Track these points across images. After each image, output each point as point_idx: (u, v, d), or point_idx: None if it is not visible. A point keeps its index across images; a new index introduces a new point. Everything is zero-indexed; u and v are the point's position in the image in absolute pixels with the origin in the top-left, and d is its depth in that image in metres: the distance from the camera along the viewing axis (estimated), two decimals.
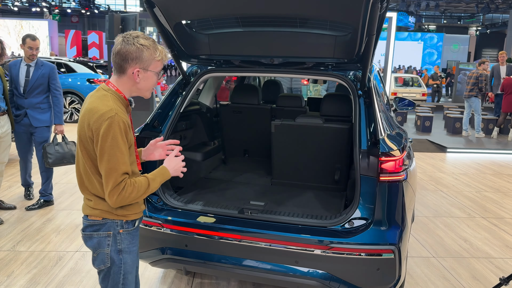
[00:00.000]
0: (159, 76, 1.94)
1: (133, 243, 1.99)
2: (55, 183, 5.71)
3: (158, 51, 1.87)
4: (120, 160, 1.77)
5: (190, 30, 2.85)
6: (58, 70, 10.39)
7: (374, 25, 2.23)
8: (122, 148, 1.78)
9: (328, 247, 2.34)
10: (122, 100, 1.90)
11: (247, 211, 2.60)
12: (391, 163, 2.38)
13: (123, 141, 1.79)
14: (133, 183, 1.81)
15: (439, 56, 32.42)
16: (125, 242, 1.95)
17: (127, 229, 1.95)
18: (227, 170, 3.65)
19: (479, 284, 3.51)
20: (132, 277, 2.02)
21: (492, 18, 39.75)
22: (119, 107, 1.84)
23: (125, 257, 1.95)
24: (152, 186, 1.88)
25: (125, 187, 1.78)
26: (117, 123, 1.77)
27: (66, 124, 10.24)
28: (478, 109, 10.06)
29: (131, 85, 1.90)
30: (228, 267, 2.51)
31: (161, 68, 1.93)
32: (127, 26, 10.05)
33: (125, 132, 1.80)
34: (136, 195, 1.82)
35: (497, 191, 6.20)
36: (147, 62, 1.86)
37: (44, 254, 3.72)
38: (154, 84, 1.94)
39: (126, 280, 1.98)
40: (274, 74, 3.03)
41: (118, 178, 1.77)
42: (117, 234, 1.93)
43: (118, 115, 1.78)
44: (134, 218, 1.98)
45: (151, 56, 1.86)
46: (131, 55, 1.83)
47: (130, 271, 1.99)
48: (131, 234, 1.97)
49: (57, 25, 28.18)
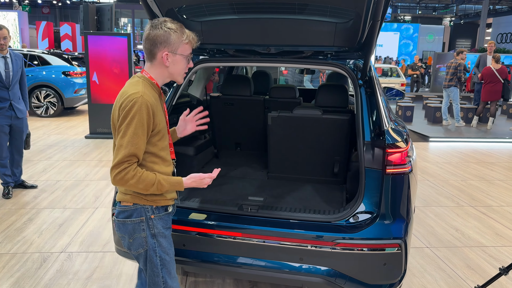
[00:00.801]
0: (189, 59, 1.97)
1: (166, 227, 2.02)
2: (34, 180, 5.48)
3: (185, 34, 1.91)
4: (132, 140, 1.77)
5: (182, 17, 2.70)
6: (31, 62, 10.18)
7: (380, 9, 2.13)
8: (138, 131, 1.78)
9: (333, 243, 2.26)
10: (154, 86, 1.93)
11: (246, 208, 2.49)
12: (397, 155, 2.31)
13: (141, 123, 1.78)
14: (137, 170, 1.81)
15: (415, 47, 32.82)
16: (158, 226, 1.98)
17: (158, 214, 1.98)
18: (220, 165, 3.51)
19: (474, 273, 3.50)
20: (170, 258, 2.04)
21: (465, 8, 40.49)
22: (148, 92, 1.86)
23: (160, 241, 1.99)
24: (157, 188, 1.87)
25: (127, 169, 1.78)
26: (140, 105, 1.78)
27: (42, 119, 10.03)
28: (456, 98, 10.17)
29: (162, 70, 1.93)
30: (229, 267, 2.40)
31: (190, 51, 1.96)
32: (103, 16, 9.74)
33: (147, 116, 1.80)
34: (135, 184, 1.81)
35: (482, 179, 6.26)
36: (175, 45, 1.89)
37: (27, 256, 3.53)
38: (184, 68, 1.97)
39: (163, 261, 2.01)
40: (271, 63, 2.90)
41: (124, 158, 1.77)
42: (149, 219, 1.96)
43: (143, 97, 1.80)
44: (164, 204, 1.99)
45: (179, 39, 1.89)
46: (159, 38, 1.86)
47: (167, 253, 2.02)
48: (162, 219, 2.00)
49: (27, 16, 27.21)
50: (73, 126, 9.38)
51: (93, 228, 4.12)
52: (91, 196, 5.01)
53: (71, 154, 6.96)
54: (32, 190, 5.12)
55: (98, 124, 8.20)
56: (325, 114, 3.00)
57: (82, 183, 5.47)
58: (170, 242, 2.06)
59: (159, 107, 1.90)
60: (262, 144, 3.92)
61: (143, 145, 1.82)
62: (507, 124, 11.15)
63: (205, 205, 2.54)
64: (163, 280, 2.03)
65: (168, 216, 2.05)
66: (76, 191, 5.16)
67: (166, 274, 2.03)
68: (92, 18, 9.47)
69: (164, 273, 2.02)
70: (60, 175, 5.79)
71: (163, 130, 1.93)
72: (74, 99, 10.46)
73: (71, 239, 3.87)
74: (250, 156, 3.82)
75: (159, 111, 1.89)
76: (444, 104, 10.55)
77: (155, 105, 1.85)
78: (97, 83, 8.12)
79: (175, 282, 2.08)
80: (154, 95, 1.90)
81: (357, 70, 2.76)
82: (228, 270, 2.42)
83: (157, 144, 1.92)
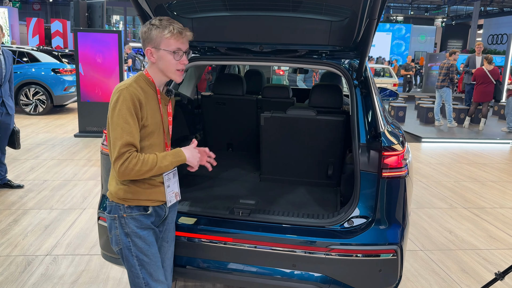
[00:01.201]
0: (180, 55, 1.91)
1: (142, 228, 1.96)
2: (21, 180, 5.35)
3: (167, 29, 1.86)
4: (125, 130, 1.78)
5: (172, 13, 2.61)
6: (20, 59, 10.00)
7: (377, 8, 2.06)
8: (128, 119, 1.79)
9: (328, 249, 2.18)
10: (149, 82, 1.94)
11: (237, 211, 2.41)
12: (393, 158, 2.24)
13: (129, 112, 1.79)
14: (138, 156, 1.81)
15: (407, 47, 32.95)
16: (130, 226, 1.95)
17: (130, 213, 1.94)
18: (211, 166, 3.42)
19: (468, 277, 3.46)
20: (150, 260, 1.99)
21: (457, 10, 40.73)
22: (138, 86, 1.88)
23: (134, 241, 1.95)
24: (161, 164, 1.86)
25: (129, 159, 1.78)
26: (125, 95, 1.81)
27: (31, 117, 9.86)
28: (449, 99, 10.18)
29: (154, 67, 1.94)
30: (220, 273, 2.32)
31: (177, 46, 1.89)
32: (94, 13, 9.60)
33: (133, 105, 1.81)
34: (141, 169, 1.80)
35: (474, 180, 6.24)
36: (157, 41, 1.88)
37: (10, 259, 3.42)
38: (174, 64, 1.91)
39: (142, 262, 1.97)
40: (264, 62, 2.82)
41: (122, 148, 1.77)
42: (121, 217, 1.95)
43: (128, 89, 1.82)
44: (137, 204, 1.95)
45: (160, 34, 1.86)
46: (143, 35, 1.91)
47: (146, 254, 1.97)
48: (136, 219, 1.95)
49: (17, 12, 26.85)
50: (62, 125, 9.23)
51: (80, 230, 4.01)
52: (79, 196, 4.90)
53: (59, 153, 6.82)
54: (19, 190, 5.00)
55: (88, 122, 8.06)
56: (320, 115, 2.92)
57: (70, 183, 5.35)
58: (150, 243, 1.99)
59: (150, 102, 1.90)
60: (254, 145, 3.83)
61: (137, 134, 1.82)
62: (498, 125, 11.18)
63: (195, 209, 2.45)
64: (145, 281, 1.99)
65: (146, 217, 1.98)
66: (63, 191, 5.05)
67: (148, 276, 1.98)
68: (83, 15, 9.33)
69: (145, 274, 1.98)
70: (47, 174, 5.66)
71: (152, 127, 1.91)
72: (63, 97, 10.30)
73: (57, 241, 3.76)
74: (242, 157, 3.73)
75: (149, 105, 1.89)
76: (436, 105, 10.56)
77: (144, 98, 1.86)
78: (87, 80, 7.98)
79: (160, 286, 2.02)
80: (147, 90, 1.91)
81: (352, 70, 2.69)
82: (218, 277, 2.34)
83: (143, 139, 1.90)
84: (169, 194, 2.04)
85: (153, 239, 2.01)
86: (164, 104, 2.02)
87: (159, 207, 2.04)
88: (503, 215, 4.89)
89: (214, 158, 2.15)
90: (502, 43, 30.59)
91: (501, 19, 32.60)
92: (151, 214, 2.00)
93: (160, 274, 2.03)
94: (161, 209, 2.05)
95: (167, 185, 2.01)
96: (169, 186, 2.03)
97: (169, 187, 2.03)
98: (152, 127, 1.91)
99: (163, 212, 2.07)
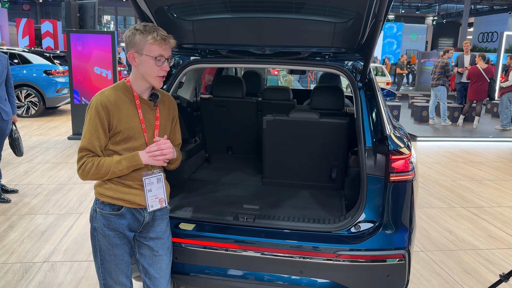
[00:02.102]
0: (162, 62, 1.92)
1: (109, 227, 1.98)
2: (15, 184, 5.26)
3: (151, 35, 1.88)
4: (86, 136, 1.89)
5: (172, 16, 2.55)
6: (11, 61, 9.86)
7: (383, 9, 2.02)
8: (90, 127, 1.89)
9: (335, 255, 2.15)
10: (126, 89, 1.97)
11: (242, 217, 2.36)
12: (401, 161, 2.21)
13: (92, 120, 1.88)
14: (94, 160, 1.89)
15: (398, 46, 33.04)
16: (98, 222, 1.99)
17: (101, 210, 1.98)
18: (211, 170, 3.37)
19: (471, 278, 3.45)
20: (111, 259, 2.02)
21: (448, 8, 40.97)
22: (111, 93, 1.93)
23: (99, 237, 1.99)
24: (115, 168, 1.90)
25: (85, 163, 1.88)
26: (93, 104, 1.90)
27: (23, 119, 9.74)
28: (444, 97, 10.20)
29: (135, 71, 1.96)
30: (224, 280, 2.27)
31: (160, 53, 1.90)
32: (86, 14, 9.49)
33: (97, 114, 1.88)
34: (96, 172, 1.88)
35: (471, 179, 6.25)
36: (140, 45, 1.90)
37: (7, 267, 3.35)
38: (156, 70, 1.93)
39: (103, 259, 2.02)
40: (266, 65, 2.77)
41: (80, 152, 1.90)
42: (94, 210, 2.01)
43: (97, 97, 1.91)
44: (110, 202, 1.96)
45: (144, 39, 1.88)
46: (127, 39, 1.93)
47: (108, 254, 2.00)
48: (105, 217, 1.97)
49: (7, 13, 26.54)
50: (55, 127, 9.12)
51: (78, 235, 3.94)
52: (75, 200, 4.82)
53: (53, 156, 6.73)
54: (13, 195, 4.91)
55: (82, 125, 7.92)
56: (323, 118, 2.89)
57: (65, 187, 5.27)
58: (114, 245, 2.00)
59: (125, 109, 1.93)
60: (254, 148, 3.79)
61: (96, 141, 1.89)
62: (492, 123, 11.25)
63: (198, 215, 2.40)
64: (103, 276, 2.05)
65: (117, 217, 1.97)
66: (59, 195, 4.97)
67: (107, 274, 2.04)
68: (75, 15, 9.22)
69: (104, 271, 2.04)
70: (42, 178, 5.57)
71: (127, 132, 1.93)
72: (56, 99, 10.18)
73: (54, 247, 3.70)
74: (243, 160, 3.68)
75: (123, 112, 1.92)
76: (431, 103, 10.58)
77: (113, 105, 1.90)
78: (80, 82, 7.88)
79: (118, 287, 2.06)
80: (123, 96, 1.95)
81: (356, 72, 2.65)
82: (223, 284, 2.29)
83: (120, 143, 1.94)
84: (151, 199, 2.01)
85: (119, 242, 2.00)
86: (149, 109, 2.02)
87: (137, 210, 2.01)
88: (501, 214, 4.90)
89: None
90: (492, 41, 30.79)
91: (491, 17, 32.81)
92: (124, 216, 1.98)
93: (121, 276, 2.05)
94: (139, 213, 2.02)
95: (148, 189, 1.99)
96: (151, 190, 2.01)
97: (151, 192, 2.01)
98: (128, 132, 1.94)
99: (142, 217, 2.03)
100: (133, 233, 2.06)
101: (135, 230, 2.05)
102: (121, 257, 2.03)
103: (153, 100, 2.03)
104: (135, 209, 2.00)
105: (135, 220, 2.02)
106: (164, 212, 2.15)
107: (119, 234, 2.00)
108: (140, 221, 2.04)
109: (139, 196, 1.99)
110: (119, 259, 2.02)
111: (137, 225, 2.04)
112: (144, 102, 2.00)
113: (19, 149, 4.76)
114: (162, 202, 2.06)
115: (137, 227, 2.05)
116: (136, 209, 2.01)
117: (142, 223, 2.05)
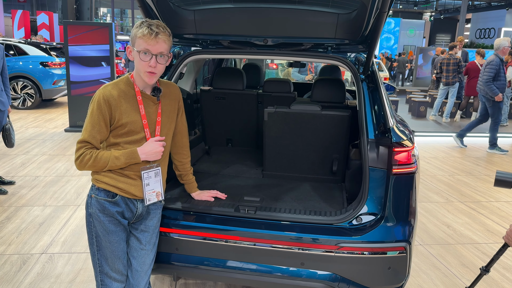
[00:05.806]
0: (148, 57, 1.90)
1: (104, 213, 1.98)
2: (11, 176, 5.23)
3: (141, 29, 1.88)
4: (87, 129, 1.91)
5: (173, 5, 2.52)
6: (7, 52, 9.77)
7: (387, 0, 2.01)
8: (92, 119, 1.91)
9: (337, 247, 2.14)
10: (129, 83, 1.99)
11: (243, 209, 2.35)
12: (403, 154, 2.20)
13: (92, 113, 1.90)
14: (93, 153, 1.91)
15: (396, 41, 33.00)
16: (93, 207, 1.99)
17: (97, 196, 1.99)
18: (212, 162, 3.35)
19: (469, 271, 3.46)
20: (108, 244, 2.02)
21: (445, 4, 40.92)
22: (114, 87, 1.95)
23: (94, 223, 2.00)
24: (112, 164, 1.92)
25: (83, 154, 1.90)
26: (95, 97, 1.93)
27: (19, 111, 9.67)
28: (456, 94, 10.11)
29: (135, 65, 1.97)
30: (225, 272, 2.26)
31: (145, 47, 1.88)
32: (82, 5, 9.43)
33: (98, 107, 1.90)
34: (94, 165, 1.91)
35: (469, 174, 6.27)
36: (133, 40, 1.93)
37: (5, 258, 3.33)
38: (142, 64, 1.91)
39: (99, 243, 2.02)
40: (268, 56, 2.75)
41: (78, 144, 1.92)
42: (89, 196, 2.02)
43: (100, 90, 1.94)
44: (105, 188, 1.98)
45: (135, 33, 1.91)
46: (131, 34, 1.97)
47: (104, 240, 2.01)
48: (100, 203, 1.98)
49: (2, 4, 26.28)
50: (52, 119, 9.06)
51: (76, 227, 3.92)
52: (72, 192, 4.80)
53: (50, 148, 6.69)
54: (10, 187, 4.88)
55: (78, 117, 7.90)
56: (324, 110, 2.87)
57: (62, 179, 5.24)
58: (109, 232, 2.01)
59: (127, 103, 1.95)
60: (254, 140, 3.77)
61: (97, 134, 1.91)
62: None
63: (199, 207, 2.39)
64: (99, 263, 2.04)
65: (111, 204, 1.98)
66: (56, 187, 4.94)
67: (103, 260, 2.04)
68: (71, 7, 9.16)
69: (100, 257, 2.03)
70: (39, 170, 5.54)
71: (129, 126, 1.95)
72: (52, 91, 10.11)
73: (52, 239, 3.68)
74: (243, 152, 3.66)
75: (124, 106, 1.94)
76: (439, 100, 10.43)
77: (116, 99, 1.92)
78: (77, 74, 7.82)
79: (115, 274, 2.05)
80: (126, 90, 1.96)
81: (359, 64, 2.64)
82: (224, 276, 2.28)
83: (121, 136, 1.96)
84: (148, 193, 2.04)
85: (114, 228, 2.01)
86: (152, 104, 2.02)
87: (130, 200, 2.03)
88: (499, 208, 4.91)
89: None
90: (489, 37, 30.83)
91: (489, 13, 32.83)
92: (118, 204, 2.00)
93: (117, 262, 2.05)
94: (132, 203, 2.04)
95: (146, 183, 2.02)
96: (149, 184, 2.03)
97: (149, 185, 2.03)
98: (130, 126, 1.95)
99: (135, 208, 2.05)
100: (127, 220, 2.06)
101: (128, 219, 2.06)
102: (117, 244, 2.04)
103: (156, 95, 2.03)
104: (128, 199, 2.02)
105: (129, 210, 2.04)
106: (157, 206, 2.17)
107: (113, 220, 2.01)
108: (133, 212, 2.06)
109: (134, 186, 2.01)
110: (115, 245, 2.03)
111: (130, 215, 2.06)
112: (146, 97, 2.01)
113: (10, 140, 4.69)
114: (158, 196, 2.09)
115: (131, 217, 2.07)
116: (129, 199, 2.03)
117: (135, 214, 2.06)
